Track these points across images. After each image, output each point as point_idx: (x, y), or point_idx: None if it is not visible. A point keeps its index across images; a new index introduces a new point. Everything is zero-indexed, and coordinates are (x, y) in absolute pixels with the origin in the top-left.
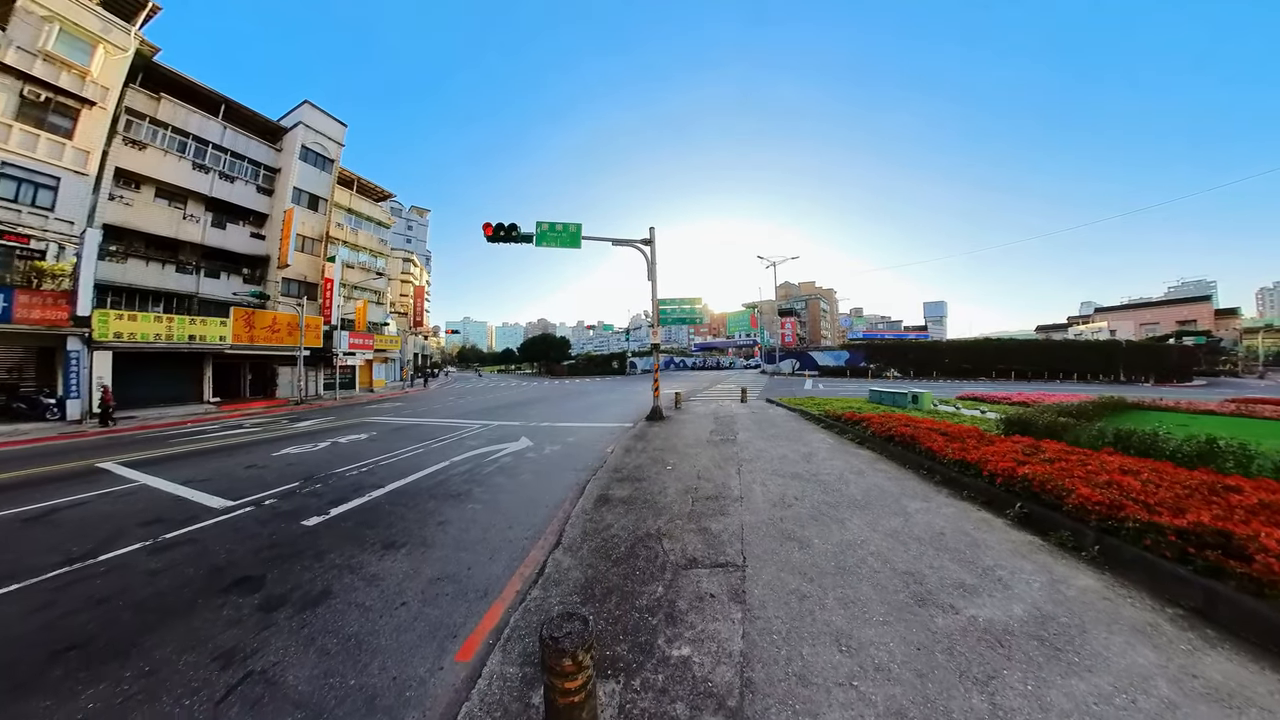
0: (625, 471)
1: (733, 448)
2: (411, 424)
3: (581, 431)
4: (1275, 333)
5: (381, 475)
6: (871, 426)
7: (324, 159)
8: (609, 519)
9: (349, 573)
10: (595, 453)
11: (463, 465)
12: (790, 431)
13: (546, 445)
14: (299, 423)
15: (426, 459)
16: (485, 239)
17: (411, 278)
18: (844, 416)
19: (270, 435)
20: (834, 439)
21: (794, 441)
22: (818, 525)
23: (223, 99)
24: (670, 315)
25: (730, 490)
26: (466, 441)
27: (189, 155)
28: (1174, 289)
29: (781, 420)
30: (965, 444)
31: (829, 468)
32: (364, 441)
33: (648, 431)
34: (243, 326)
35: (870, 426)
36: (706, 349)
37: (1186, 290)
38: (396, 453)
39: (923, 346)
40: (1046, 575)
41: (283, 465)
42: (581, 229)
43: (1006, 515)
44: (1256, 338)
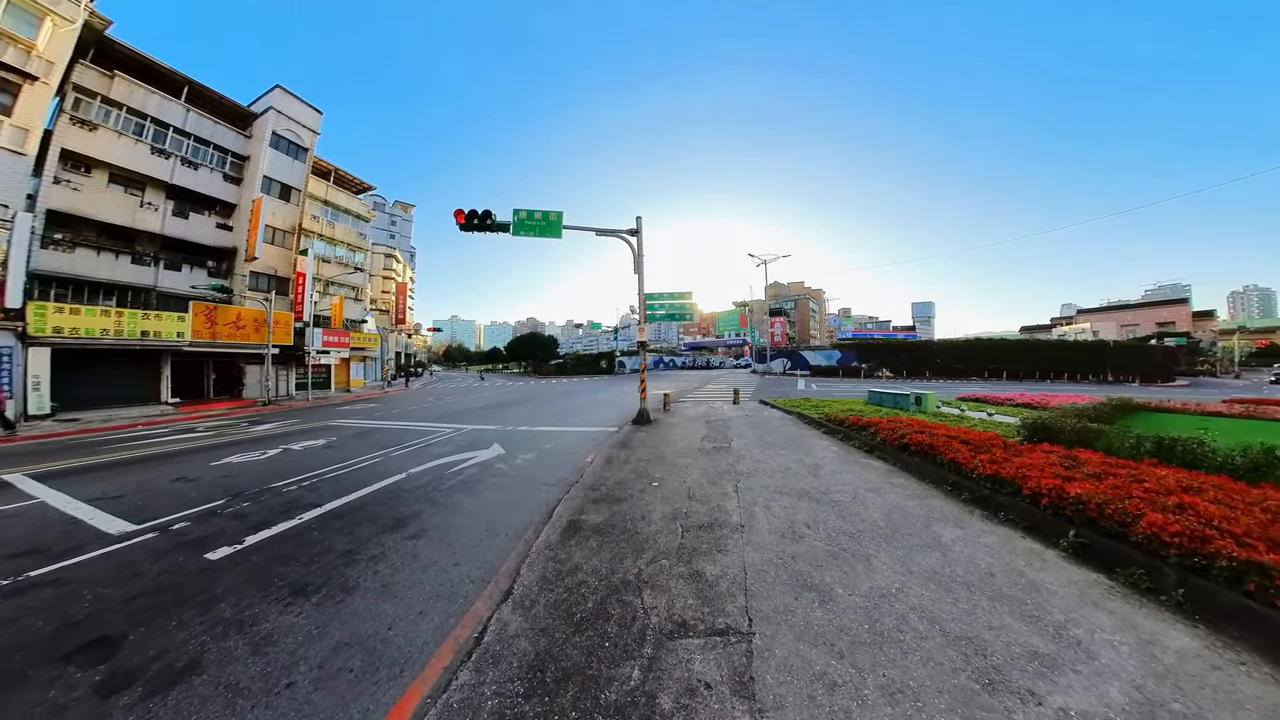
0: (604, 489)
1: (727, 458)
2: (379, 428)
3: (560, 437)
4: (1249, 334)
5: (324, 491)
6: (881, 433)
7: (297, 147)
8: (577, 557)
9: (235, 632)
10: (572, 463)
11: (421, 478)
12: (790, 438)
13: (520, 454)
14: (258, 426)
15: (382, 470)
16: (458, 227)
17: (394, 274)
18: (848, 421)
19: (220, 440)
20: (839, 446)
21: (795, 450)
22: (839, 565)
23: (186, 80)
24: (659, 311)
25: (727, 515)
26: (433, 448)
27: (147, 138)
28: (1151, 291)
29: (778, 424)
30: (993, 455)
31: (840, 483)
32: (319, 449)
33: (633, 438)
34: (203, 322)
35: (879, 433)
36: (696, 348)
37: (1163, 293)
38: (351, 462)
39: (915, 346)
40: (1132, 634)
41: (216, 478)
42: (563, 218)
43: (1059, 545)
44: (1231, 339)
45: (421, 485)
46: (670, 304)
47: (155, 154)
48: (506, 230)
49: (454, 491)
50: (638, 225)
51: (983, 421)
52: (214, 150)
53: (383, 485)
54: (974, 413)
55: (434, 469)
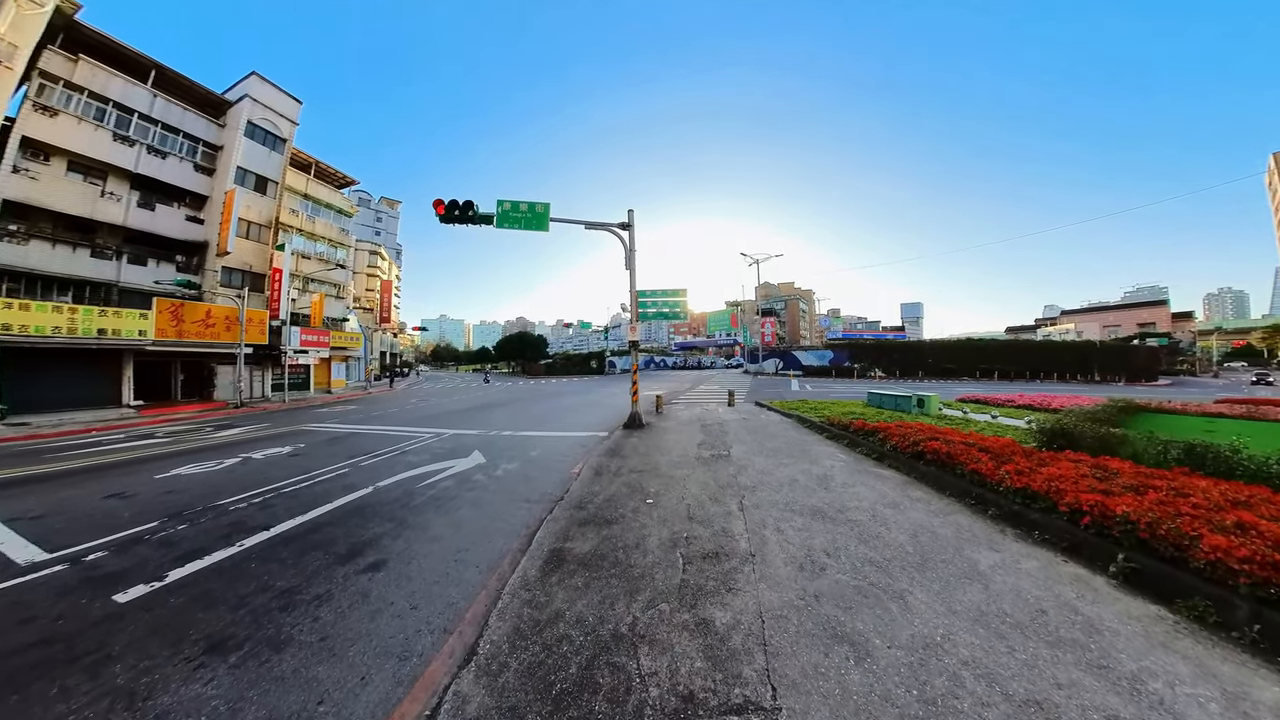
0: (592, 507)
1: (728, 467)
2: (353, 433)
3: (547, 443)
4: (1226, 335)
5: (277, 509)
6: (891, 439)
7: (274, 137)
8: (559, 600)
9: (123, 708)
10: (558, 474)
11: (389, 493)
12: (792, 444)
13: (502, 463)
14: (223, 431)
15: (347, 483)
16: (438, 219)
17: (379, 271)
18: (853, 426)
19: (176, 448)
20: (846, 454)
21: (800, 458)
22: (871, 607)
23: (154, 64)
24: (651, 309)
25: (735, 541)
26: (407, 457)
27: (109, 125)
28: (1130, 294)
29: (778, 428)
30: (1018, 464)
31: (855, 498)
32: (282, 457)
33: (624, 444)
34: (168, 320)
35: (890, 439)
36: (687, 348)
37: (1141, 295)
38: (315, 474)
39: (907, 347)
40: (1215, 684)
41: (157, 493)
42: (550, 210)
43: (1107, 571)
44: (1209, 339)
45: (389, 501)
46: (663, 301)
47: (118, 141)
48: (490, 222)
49: (424, 509)
50: (629, 219)
51: (989, 425)
52: (184, 139)
53: (345, 502)
54: (977, 415)
55: (405, 481)
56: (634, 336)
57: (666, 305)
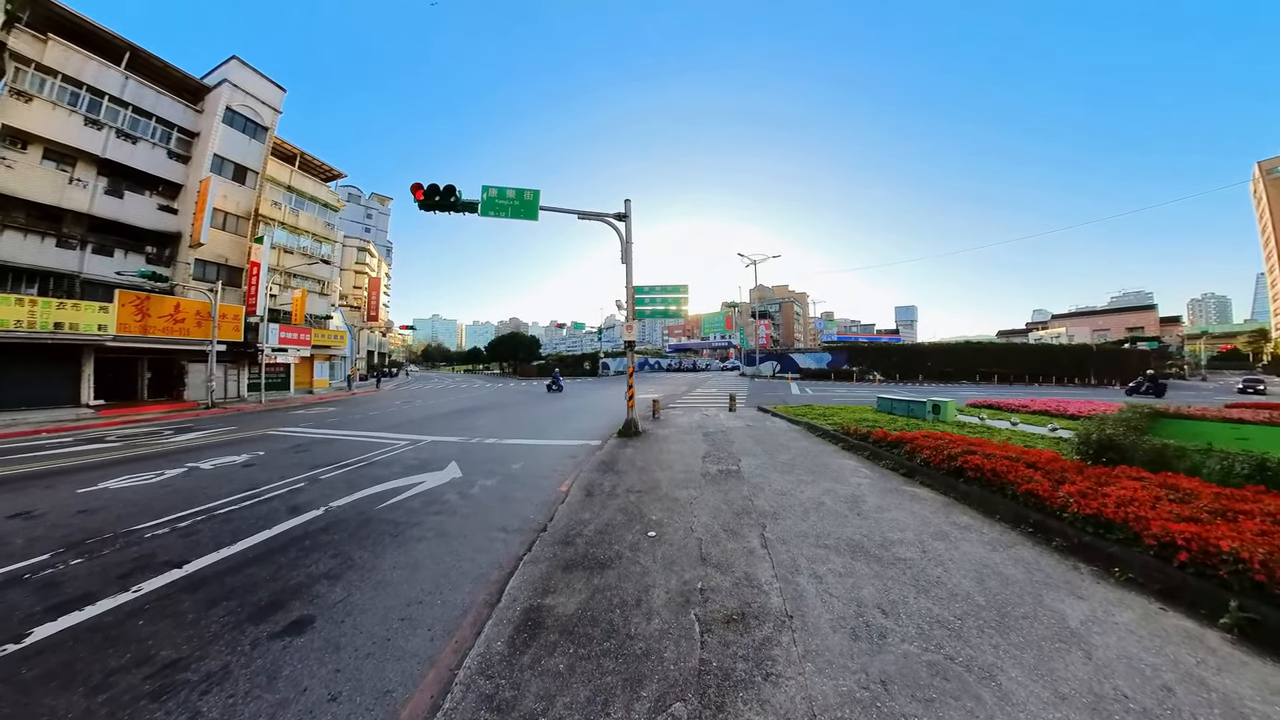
0: (581, 541)
1: (741, 486)
2: (322, 439)
3: (533, 454)
4: (1213, 339)
5: (202, 537)
6: (921, 451)
7: (255, 125)
8: (531, 696)
9: None
10: (543, 494)
11: (342, 516)
12: (807, 456)
13: (479, 478)
14: (182, 435)
15: (297, 502)
16: (417, 205)
17: (367, 268)
18: (873, 436)
19: (121, 455)
20: (870, 469)
21: (821, 475)
22: (957, 696)
23: (128, 45)
24: (649, 306)
25: (763, 594)
26: (375, 468)
27: (81, 109)
28: (1116, 298)
29: (788, 438)
30: (1076, 484)
31: (895, 526)
32: (234, 468)
33: (619, 456)
34: (132, 314)
35: (918, 451)
36: (681, 350)
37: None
38: (263, 489)
39: (906, 350)
40: None
41: (70, 513)
42: (539, 197)
43: (1216, 623)
44: (1197, 343)
45: (339, 528)
46: (662, 298)
47: (89, 125)
48: (474, 210)
49: (378, 540)
50: (626, 209)
51: (1011, 432)
52: (157, 124)
53: (287, 528)
54: (995, 421)
55: (365, 501)
56: (630, 336)
57: (665, 303)
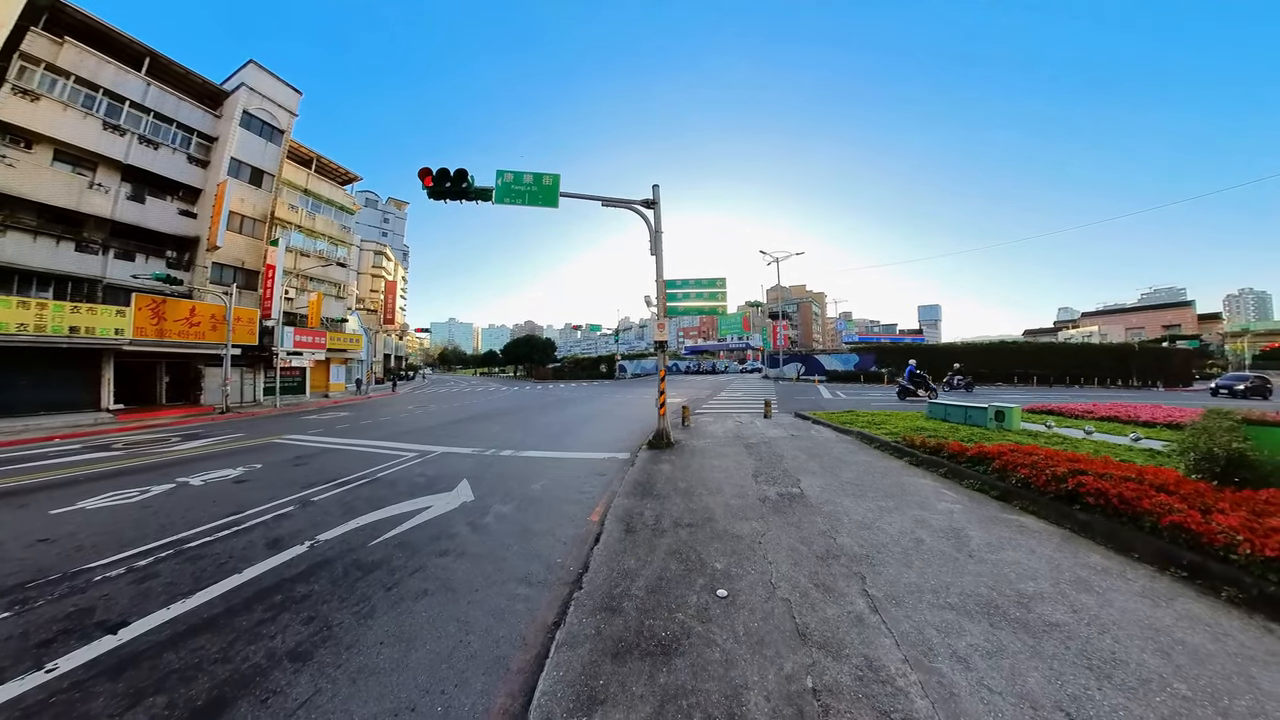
0: (631, 608)
1: (812, 517)
2: (327, 449)
3: (554, 469)
4: (1257, 336)
5: (155, 586)
6: (1016, 470)
7: (271, 128)
8: None
9: None
10: (572, 527)
11: (329, 554)
12: (874, 474)
13: (494, 502)
14: (189, 442)
15: (280, 532)
16: (426, 193)
17: (384, 272)
18: (946, 449)
19: (117, 466)
20: (953, 490)
21: (900, 499)
22: None
23: (148, 51)
24: (682, 302)
25: (902, 695)
26: (377, 488)
27: (98, 112)
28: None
29: (843, 450)
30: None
31: (1021, 572)
32: (224, 485)
33: (655, 474)
34: (148, 318)
35: (1012, 468)
36: (698, 352)
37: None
38: (247, 514)
39: (936, 350)
40: None
41: (30, 541)
42: (559, 183)
43: None
44: (1238, 341)
45: (321, 573)
46: (696, 292)
47: (109, 130)
48: (487, 198)
49: (366, 594)
50: (654, 195)
51: (1091, 443)
52: (178, 129)
53: (259, 573)
54: (1064, 429)
55: (358, 533)
56: (661, 335)
57: (701, 297)
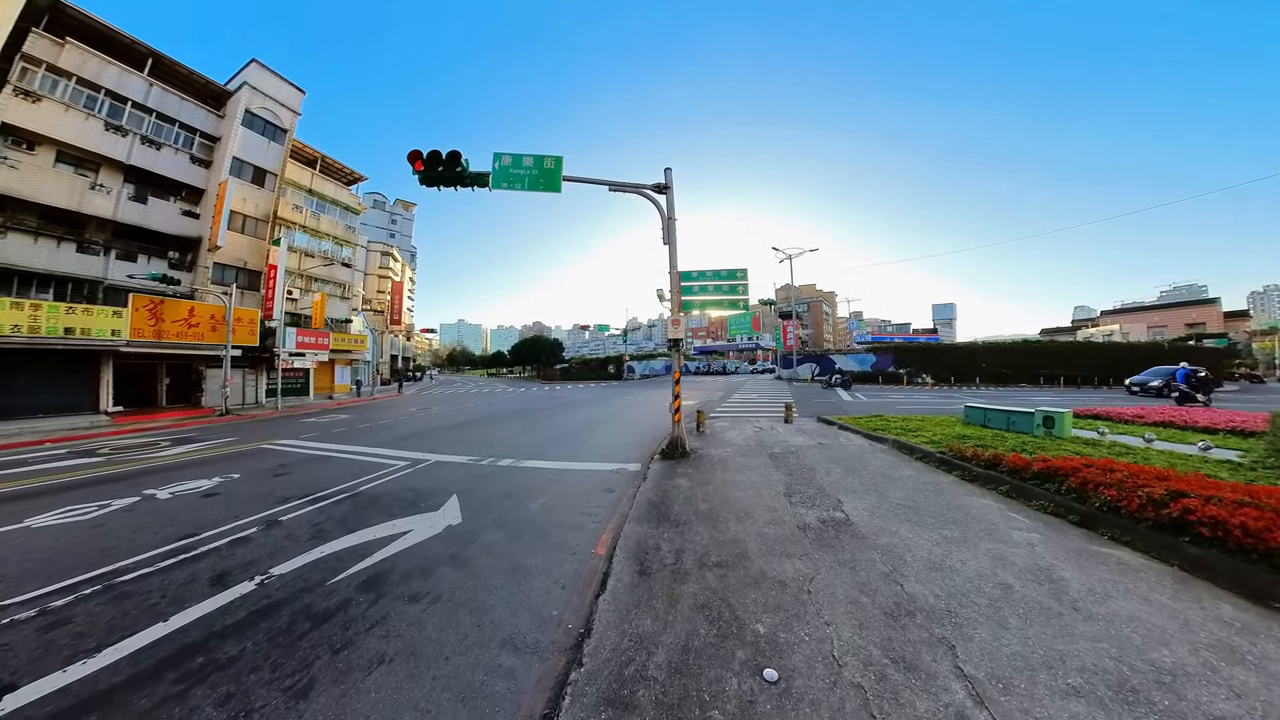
0: (648, 702)
1: (868, 553)
2: (316, 456)
3: (556, 485)
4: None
5: (63, 635)
6: (1098, 490)
7: (274, 127)
8: None
9: None
10: (572, 563)
11: (280, 592)
12: (924, 491)
13: (485, 526)
14: (177, 447)
15: (230, 565)
16: (417, 179)
17: (391, 273)
18: (1005, 462)
19: (91, 474)
20: (1022, 513)
21: (965, 526)
22: None
23: (150, 51)
24: (699, 295)
25: None
26: (355, 506)
27: (100, 113)
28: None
29: (880, 461)
30: None
31: (1145, 634)
32: (190, 500)
33: (670, 490)
34: (146, 319)
35: (1093, 488)
36: (707, 352)
37: (1179, 294)
38: (202, 537)
39: (957, 350)
40: None
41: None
42: (562, 166)
43: None
44: (1268, 339)
45: (260, 623)
46: (714, 285)
47: (111, 131)
48: (483, 184)
49: (304, 664)
50: (667, 180)
51: (1154, 452)
52: (180, 129)
53: (187, 622)
54: (1120, 436)
55: (320, 566)
56: (676, 332)
57: (719, 290)
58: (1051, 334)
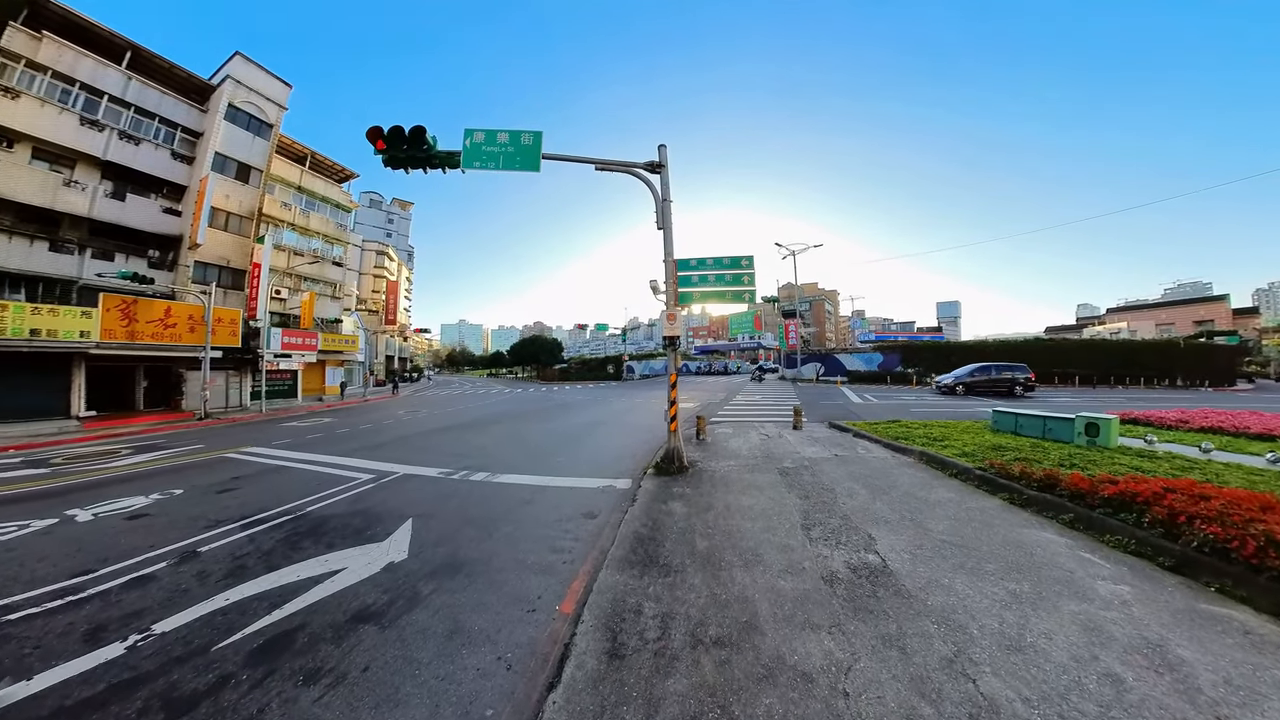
0: None
1: (915, 619)
2: (276, 467)
3: (530, 508)
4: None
5: None
6: (1194, 523)
7: (259, 122)
8: None
9: None
10: (525, 630)
11: (147, 661)
12: (971, 521)
13: (430, 568)
14: (140, 455)
15: (109, 617)
16: (381, 160)
17: (386, 272)
18: (1063, 484)
19: (24, 489)
20: (1098, 553)
21: (1028, 572)
22: None
23: (129, 44)
24: (698, 287)
25: None
26: (293, 531)
27: (75, 107)
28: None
29: (909, 479)
30: None
31: None
32: (114, 521)
33: (662, 521)
34: (118, 319)
35: (1185, 521)
36: (709, 352)
37: (1183, 291)
38: (98, 574)
39: (967, 349)
40: None
41: None
42: (541, 142)
43: None
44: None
45: (106, 711)
46: (716, 275)
47: (86, 125)
48: (454, 164)
49: None
50: (661, 158)
51: (1220, 465)
52: (160, 124)
53: (40, 688)
54: (1169, 445)
55: (213, 621)
56: (673, 329)
57: (722, 280)
58: (1056, 332)
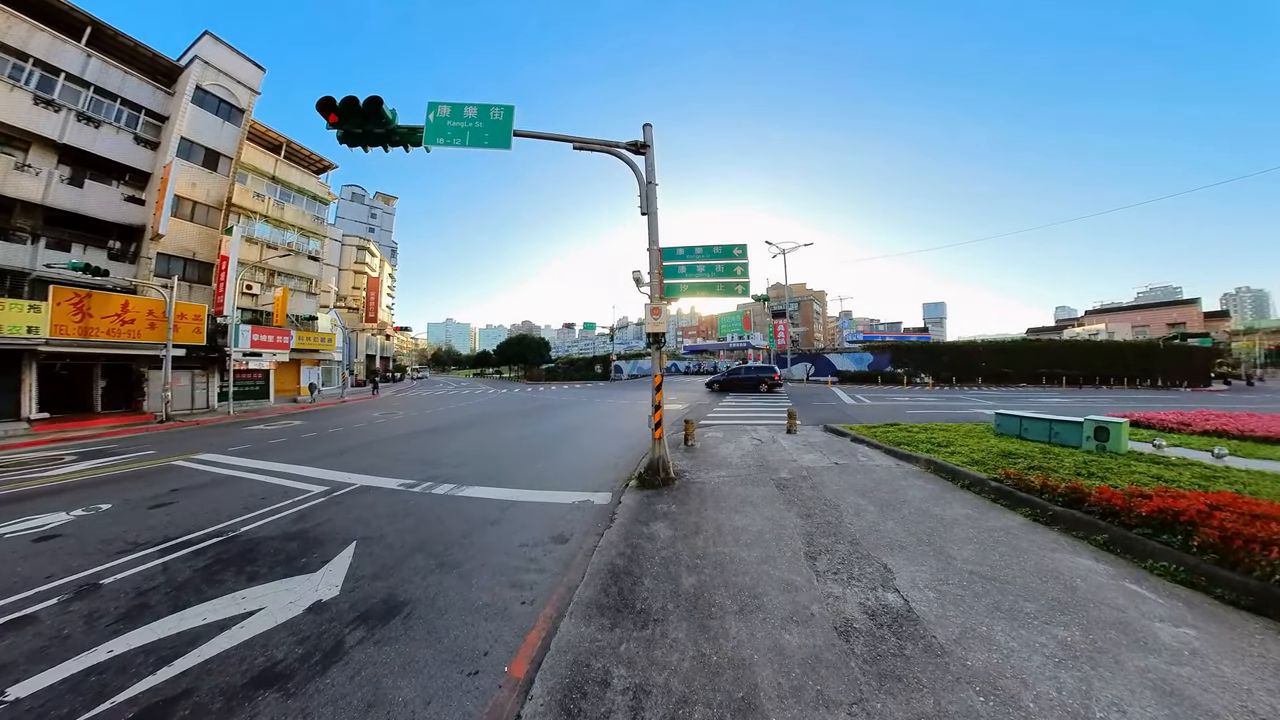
0: None
1: (954, 688)
2: (225, 477)
3: (495, 527)
4: (1269, 335)
5: None
6: (1250, 545)
7: (230, 107)
8: None
9: None
10: (468, 697)
11: None
12: (993, 544)
13: (361, 608)
14: (84, 462)
15: None
16: (336, 137)
17: (367, 268)
18: (1090, 498)
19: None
20: (1145, 584)
21: (1076, 613)
22: None
23: (89, 19)
24: (686, 279)
25: None
26: (218, 557)
27: (29, 85)
28: (1143, 294)
29: (917, 490)
30: None
31: None
32: (19, 544)
33: (642, 548)
34: (69, 314)
35: (1241, 544)
36: (697, 351)
37: (1154, 295)
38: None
39: (957, 349)
40: None
41: None
42: (513, 117)
43: None
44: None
45: None
46: (706, 266)
47: (41, 105)
48: (415, 142)
49: None
50: (646, 138)
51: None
52: (123, 106)
53: None
54: (1178, 449)
55: (88, 680)
56: (657, 325)
57: (712, 271)
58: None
